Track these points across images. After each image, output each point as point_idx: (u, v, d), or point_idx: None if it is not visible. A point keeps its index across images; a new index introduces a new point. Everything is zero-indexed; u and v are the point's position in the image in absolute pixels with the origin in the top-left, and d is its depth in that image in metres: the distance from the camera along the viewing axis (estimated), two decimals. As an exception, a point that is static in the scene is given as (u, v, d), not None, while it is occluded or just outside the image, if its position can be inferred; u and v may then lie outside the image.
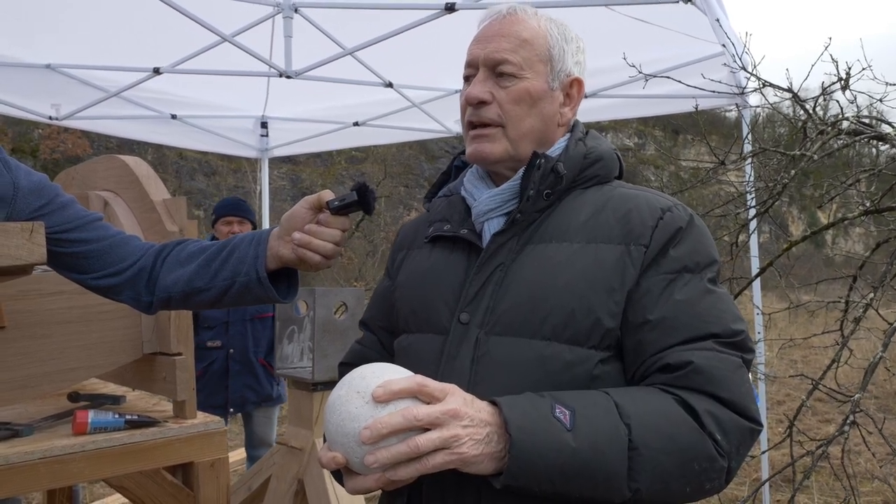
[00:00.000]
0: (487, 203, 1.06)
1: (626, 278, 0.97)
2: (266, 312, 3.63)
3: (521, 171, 1.05)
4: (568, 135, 1.10)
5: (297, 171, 19.50)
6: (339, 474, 1.01)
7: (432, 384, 0.87)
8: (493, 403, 0.89)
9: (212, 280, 1.18)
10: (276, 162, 5.09)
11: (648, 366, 0.96)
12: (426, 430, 0.84)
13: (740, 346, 0.97)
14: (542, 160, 1.02)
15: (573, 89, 1.09)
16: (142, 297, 1.21)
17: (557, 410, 0.88)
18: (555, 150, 1.07)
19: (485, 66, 1.04)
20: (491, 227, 1.06)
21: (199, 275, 1.19)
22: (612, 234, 1.00)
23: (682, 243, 1.00)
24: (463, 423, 0.85)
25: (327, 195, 1.14)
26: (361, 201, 1.10)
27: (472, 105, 1.05)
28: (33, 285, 1.62)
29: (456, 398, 0.86)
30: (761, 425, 0.95)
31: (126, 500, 1.78)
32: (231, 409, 3.55)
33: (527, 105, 1.03)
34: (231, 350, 3.56)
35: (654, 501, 0.90)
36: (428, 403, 0.86)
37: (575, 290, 0.97)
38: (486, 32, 1.06)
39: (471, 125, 1.06)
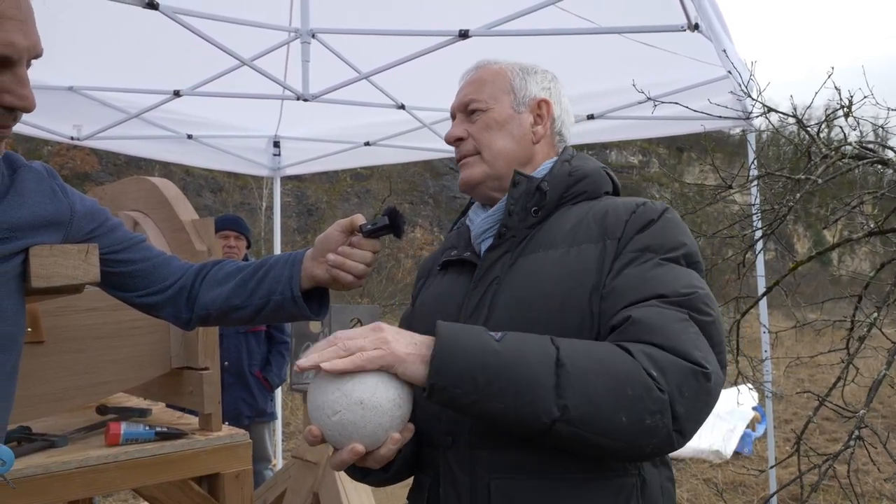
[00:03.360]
0: (481, 225, 1.17)
1: (603, 272, 1.03)
2: (259, 326, 3.66)
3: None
4: (556, 157, 1.20)
5: (302, 188, 19.62)
6: (355, 472, 1.09)
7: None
8: None
9: (248, 298, 1.25)
10: (282, 179, 5.22)
11: (602, 336, 0.99)
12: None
13: (687, 304, 0.96)
14: (521, 177, 1.13)
15: (542, 109, 1.21)
16: (182, 313, 1.28)
17: (492, 333, 0.93)
18: (541, 170, 1.18)
19: (459, 112, 1.22)
20: (486, 247, 1.16)
21: (236, 293, 1.25)
22: (592, 234, 1.07)
23: (650, 230, 1.05)
24: (389, 333, 0.93)
25: (359, 219, 1.21)
26: (392, 225, 1.17)
27: (451, 144, 1.22)
28: (69, 302, 1.69)
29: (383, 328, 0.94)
30: (707, 368, 0.91)
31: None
32: (226, 423, 3.59)
33: (495, 130, 1.17)
34: (225, 363, 3.59)
35: (589, 431, 0.87)
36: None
37: (561, 291, 1.02)
38: (460, 89, 1.24)
39: (457, 161, 1.22)
